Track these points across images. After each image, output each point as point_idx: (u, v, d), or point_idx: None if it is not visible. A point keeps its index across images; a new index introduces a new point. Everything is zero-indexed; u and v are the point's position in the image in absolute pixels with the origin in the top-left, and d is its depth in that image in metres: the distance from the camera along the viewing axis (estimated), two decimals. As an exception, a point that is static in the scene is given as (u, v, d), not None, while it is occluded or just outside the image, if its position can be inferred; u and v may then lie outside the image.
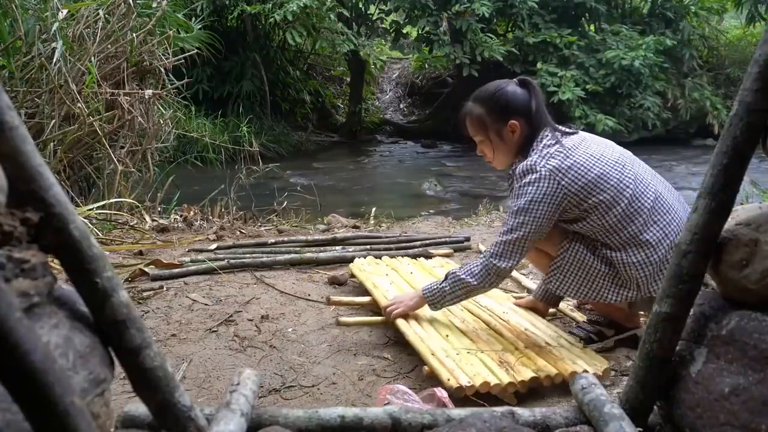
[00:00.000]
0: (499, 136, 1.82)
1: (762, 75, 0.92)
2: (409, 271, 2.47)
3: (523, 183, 1.69)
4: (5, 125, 0.72)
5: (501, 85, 1.82)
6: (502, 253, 1.70)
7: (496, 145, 1.84)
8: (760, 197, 4.22)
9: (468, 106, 1.87)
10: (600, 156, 1.71)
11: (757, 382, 0.91)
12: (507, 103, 1.78)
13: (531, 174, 1.68)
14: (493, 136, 1.82)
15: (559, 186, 1.66)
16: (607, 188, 1.67)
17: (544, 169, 1.67)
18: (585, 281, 1.76)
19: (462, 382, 1.51)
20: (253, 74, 10.21)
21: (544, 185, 1.66)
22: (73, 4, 3.92)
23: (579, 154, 1.69)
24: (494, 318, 1.96)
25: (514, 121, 1.78)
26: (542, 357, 1.69)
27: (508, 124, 1.79)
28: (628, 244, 1.69)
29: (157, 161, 4.55)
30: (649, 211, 1.69)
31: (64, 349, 0.77)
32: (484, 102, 1.82)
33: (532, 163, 1.70)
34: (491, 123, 1.81)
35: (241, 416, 0.98)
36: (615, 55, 9.96)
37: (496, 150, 1.85)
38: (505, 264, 1.70)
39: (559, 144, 1.71)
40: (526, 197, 1.67)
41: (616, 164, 1.71)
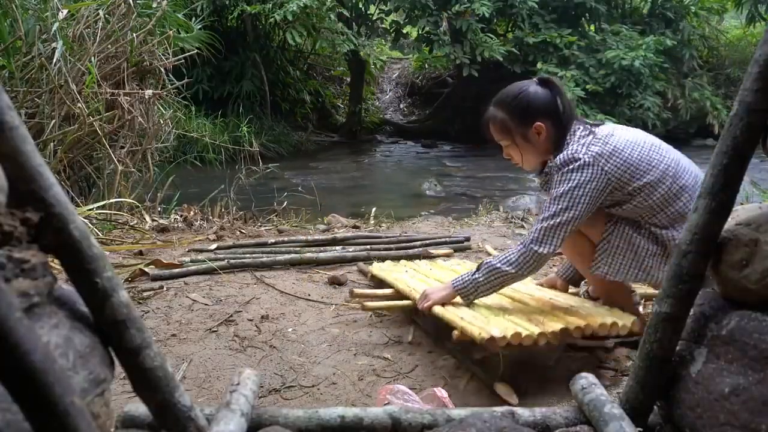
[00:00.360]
0: (525, 139, 1.79)
1: (762, 75, 0.92)
2: (429, 268, 2.47)
3: (565, 170, 1.68)
4: (5, 125, 0.72)
5: (522, 87, 1.79)
6: (542, 239, 1.67)
7: (522, 148, 1.81)
8: (760, 197, 4.22)
9: (490, 111, 1.83)
10: (636, 140, 1.74)
11: (757, 382, 0.91)
12: (529, 105, 1.76)
13: (574, 162, 1.67)
14: (518, 140, 1.80)
15: (602, 171, 1.66)
16: (650, 170, 1.69)
17: (586, 156, 1.66)
18: (635, 261, 1.74)
19: (494, 334, 1.51)
20: (253, 74, 10.21)
21: (588, 171, 1.65)
22: (73, 4, 3.92)
23: (616, 140, 1.70)
24: (518, 293, 1.96)
25: (540, 123, 1.76)
26: (571, 314, 1.72)
27: (533, 127, 1.77)
28: (676, 220, 1.70)
29: (157, 161, 4.55)
30: (692, 188, 1.72)
31: (64, 349, 0.77)
32: (506, 106, 1.79)
33: (573, 151, 1.68)
34: (515, 127, 1.78)
35: (241, 416, 0.98)
36: (615, 55, 9.97)
37: (524, 153, 1.82)
38: (545, 249, 1.67)
39: (593, 134, 1.72)
40: (569, 183, 1.66)
41: (653, 146, 1.74)
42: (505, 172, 8.24)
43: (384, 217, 4.50)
